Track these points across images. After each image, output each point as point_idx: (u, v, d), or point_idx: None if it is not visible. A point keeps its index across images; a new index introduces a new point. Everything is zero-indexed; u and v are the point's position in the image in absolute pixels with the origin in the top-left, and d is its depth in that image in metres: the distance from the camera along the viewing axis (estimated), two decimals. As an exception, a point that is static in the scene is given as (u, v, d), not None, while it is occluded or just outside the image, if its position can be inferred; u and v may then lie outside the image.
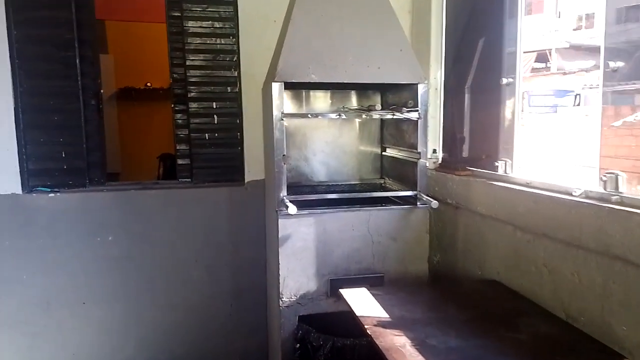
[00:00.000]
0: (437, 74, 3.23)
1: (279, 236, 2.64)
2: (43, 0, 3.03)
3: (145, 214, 3.32)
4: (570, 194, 1.98)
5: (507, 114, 2.58)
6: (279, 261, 2.67)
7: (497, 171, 2.58)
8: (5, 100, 3.02)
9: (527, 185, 2.31)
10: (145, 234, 3.33)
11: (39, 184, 3.16)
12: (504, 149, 2.59)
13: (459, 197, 2.80)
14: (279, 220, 2.63)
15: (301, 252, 2.68)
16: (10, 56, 3.00)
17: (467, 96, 3.13)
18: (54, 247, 3.20)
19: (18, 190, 3.10)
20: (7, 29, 2.97)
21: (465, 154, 3.08)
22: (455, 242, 2.93)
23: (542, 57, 15.77)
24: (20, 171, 3.10)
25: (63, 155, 3.17)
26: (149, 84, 6.74)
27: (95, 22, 3.21)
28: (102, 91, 3.28)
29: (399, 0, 3.42)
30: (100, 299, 3.31)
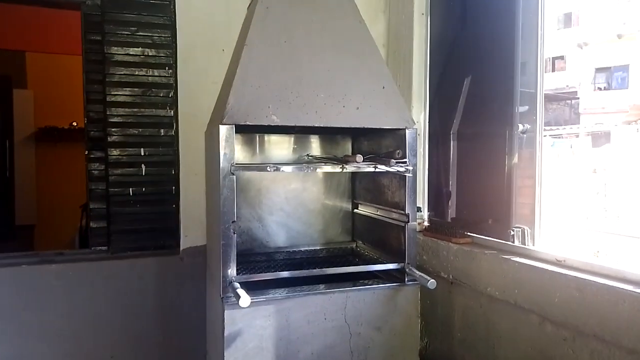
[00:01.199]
0: (420, 117, 2.70)
1: (225, 334, 1.92)
2: None
3: (43, 297, 2.47)
4: (637, 284, 1.42)
5: (524, 168, 2.04)
6: (224, 369, 1.93)
7: (511, 241, 2.02)
8: None
9: (558, 263, 1.76)
10: (41, 324, 2.46)
11: None
12: (519, 213, 2.04)
13: (457, 271, 2.22)
14: (226, 312, 1.92)
15: (255, 355, 1.97)
16: None
17: (455, 143, 2.61)
18: None
19: None
20: None
21: (454, 213, 2.52)
22: (449, 327, 2.32)
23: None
24: None
25: None
26: (74, 124, 5.97)
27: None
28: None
29: (371, 32, 2.90)
30: (-28, 418, 2.39)
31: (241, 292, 1.80)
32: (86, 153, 2.59)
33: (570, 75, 20.35)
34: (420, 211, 2.65)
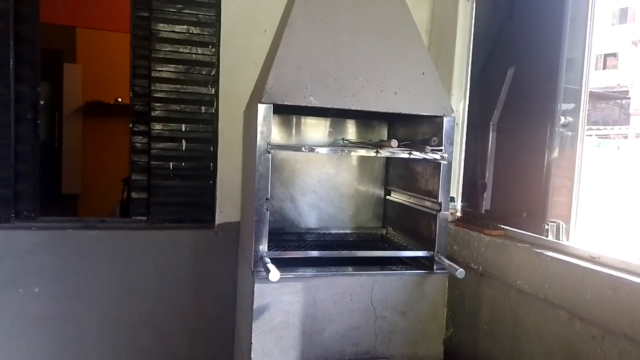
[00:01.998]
0: (459, 106, 2.67)
1: (254, 307, 1.98)
2: (-29, -17, 2.38)
3: (85, 260, 2.61)
4: (677, 286, 1.38)
5: (563, 163, 1.99)
6: (251, 340, 2.00)
7: (545, 235, 1.99)
8: None
9: (593, 260, 1.72)
10: (82, 285, 2.61)
11: (-54, 215, 2.44)
12: (555, 208, 2.00)
13: (487, 262, 2.20)
14: (255, 285, 1.97)
15: (282, 329, 2.02)
16: None
17: (494, 134, 2.57)
18: (-41, 298, 2.46)
19: None
20: None
21: (488, 205, 2.49)
22: (476, 319, 2.31)
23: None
24: None
25: (-18, 181, 2.47)
26: (119, 100, 6.15)
27: (39, 17, 2.55)
28: (41, 102, 2.60)
29: (414, 18, 2.88)
30: (17, 368, 2.56)
31: (271, 266, 1.85)
32: (130, 126, 2.69)
33: (622, 73, 19.43)
34: (454, 201, 2.63)
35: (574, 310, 1.72)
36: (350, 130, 2.77)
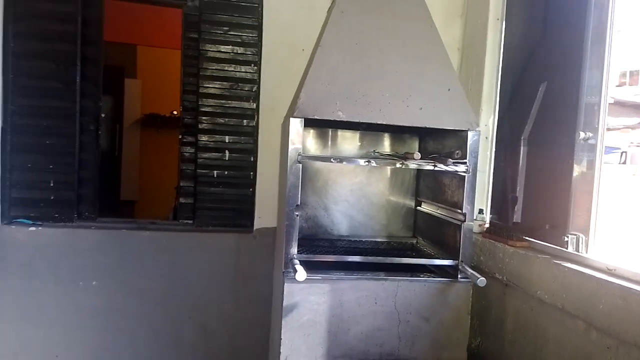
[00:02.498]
0: (489, 121, 2.74)
1: (284, 305, 2.14)
2: (47, 11, 2.72)
3: (137, 258, 2.87)
4: (684, 297, 1.42)
5: (583, 176, 2.04)
6: (281, 335, 2.15)
7: (565, 247, 2.03)
8: (-7, 119, 2.68)
9: (609, 272, 1.76)
10: (133, 281, 2.87)
11: (20, 214, 2.77)
12: (576, 220, 2.04)
13: (511, 273, 2.25)
14: (285, 284, 2.14)
15: (309, 327, 2.17)
16: (3, 70, 2.67)
17: (522, 149, 2.61)
18: (29, 289, 2.77)
19: (-4, 220, 2.72)
20: (4, 41, 2.66)
21: (519, 218, 2.54)
22: (502, 328, 2.36)
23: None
24: (1, 199, 2.72)
25: (51, 184, 2.79)
26: (174, 112, 6.53)
27: (103, 39, 2.87)
28: (102, 115, 2.91)
29: (446, 36, 2.94)
30: (75, 355, 2.84)
31: (299, 267, 2.01)
32: (180, 137, 2.94)
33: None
34: (482, 213, 2.69)
35: (590, 321, 1.76)
36: (386, 143, 2.91)
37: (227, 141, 2.94)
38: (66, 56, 2.74)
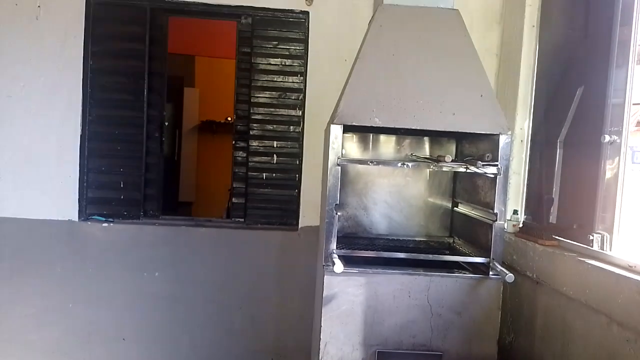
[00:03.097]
0: (524, 125, 2.83)
1: (323, 295, 2.35)
2: (120, 32, 3.10)
3: (195, 252, 3.18)
4: (695, 291, 1.50)
5: (608, 177, 2.12)
6: (321, 324, 2.36)
7: (591, 246, 2.11)
8: (74, 127, 3.08)
9: (629, 269, 1.84)
10: (192, 273, 3.18)
11: (95, 212, 3.15)
12: (601, 220, 2.12)
13: (540, 271, 2.35)
14: (325, 276, 2.34)
15: (347, 317, 2.36)
16: (83, 85, 3.07)
17: (558, 152, 2.68)
18: (101, 278, 3.14)
19: (75, 217, 3.11)
20: (84, 59, 3.06)
21: (552, 219, 2.61)
22: (532, 325, 2.45)
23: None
24: (79, 198, 3.11)
25: (121, 185, 3.15)
26: (229, 119, 6.90)
27: (166, 55, 3.21)
28: (166, 123, 3.25)
29: (485, 41, 3.11)
30: (140, 337, 3.18)
31: (337, 260, 2.21)
32: (233, 143, 3.23)
33: None
34: (517, 214, 2.79)
35: (611, 315, 1.85)
36: (425, 147, 3.06)
37: (275, 146, 3.20)
38: (135, 71, 3.10)
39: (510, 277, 2.21)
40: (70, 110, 3.06)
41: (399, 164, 2.41)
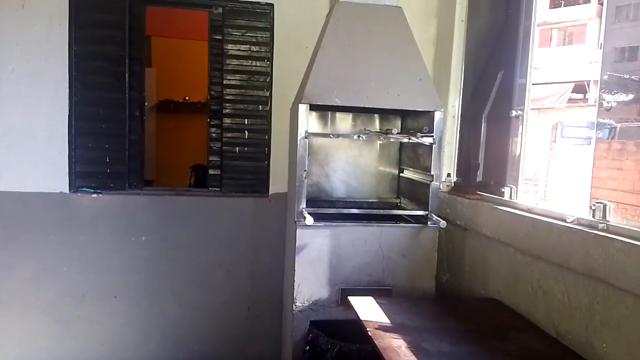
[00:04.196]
0: (455, 103, 3.43)
1: (296, 245, 2.86)
2: (102, 20, 3.40)
3: (176, 219, 3.60)
4: (564, 220, 2.13)
5: (515, 144, 2.75)
6: (294, 268, 2.88)
7: (503, 196, 2.74)
8: (62, 108, 3.38)
9: (528, 210, 2.47)
10: (174, 237, 3.60)
11: (84, 185, 3.48)
12: (511, 176, 2.75)
13: (467, 219, 2.96)
14: (297, 230, 2.85)
15: (316, 262, 2.88)
16: (69, 69, 3.36)
17: (483, 125, 3.30)
18: (92, 243, 3.50)
19: (65, 189, 3.43)
20: (69, 45, 3.34)
21: (477, 179, 3.24)
22: (462, 263, 3.08)
23: (580, 88, 15.70)
24: (69, 172, 3.44)
25: (107, 160, 3.50)
26: (187, 98, 7.10)
27: (145, 41, 3.54)
28: (145, 103, 3.60)
29: (424, 33, 3.65)
30: (130, 295, 3.59)
31: (307, 215, 2.72)
32: (208, 120, 3.64)
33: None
34: (450, 176, 3.40)
35: (516, 246, 2.47)
36: (375, 122, 3.60)
37: (246, 123, 3.64)
38: (117, 56, 3.42)
39: (443, 223, 2.82)
40: (58, 92, 3.35)
41: (355, 137, 2.94)
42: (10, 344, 3.49)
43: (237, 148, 3.64)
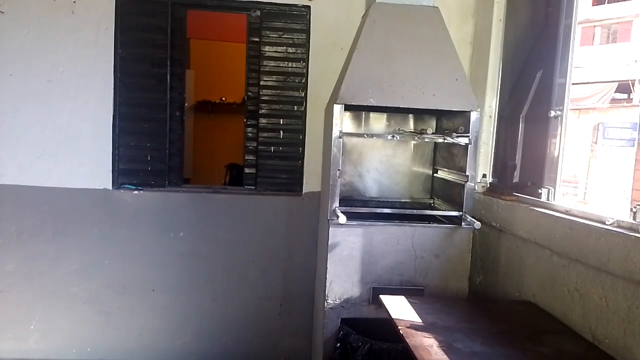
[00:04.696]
0: (492, 103, 3.39)
1: (329, 243, 2.90)
2: (145, 24, 3.54)
3: (213, 215, 3.70)
4: (603, 223, 2.08)
5: (554, 144, 2.70)
6: (327, 266, 2.92)
7: (540, 198, 2.70)
8: (107, 108, 3.53)
9: (566, 212, 2.42)
10: (211, 233, 3.70)
11: (126, 182, 3.63)
12: (549, 178, 2.71)
13: (503, 220, 2.93)
14: (330, 228, 2.89)
15: (348, 260, 2.91)
16: (114, 71, 3.51)
17: (521, 125, 3.25)
18: (133, 238, 3.65)
19: (109, 186, 3.59)
20: (114, 48, 3.50)
21: (513, 180, 3.19)
22: (497, 265, 3.04)
23: (624, 87, 15.11)
24: (112, 170, 3.59)
25: (148, 159, 3.63)
26: (223, 99, 7.26)
27: (186, 44, 3.66)
28: (185, 104, 3.72)
29: (461, 32, 3.63)
30: (167, 288, 3.71)
31: (340, 214, 2.76)
32: (245, 120, 3.73)
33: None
34: (486, 177, 3.36)
35: (552, 248, 2.43)
36: (410, 123, 3.60)
37: (281, 123, 3.71)
38: (159, 58, 3.56)
39: (477, 224, 2.80)
40: (104, 93, 3.51)
41: (389, 137, 2.96)
42: (56, 333, 3.68)
43: (272, 147, 3.71)
